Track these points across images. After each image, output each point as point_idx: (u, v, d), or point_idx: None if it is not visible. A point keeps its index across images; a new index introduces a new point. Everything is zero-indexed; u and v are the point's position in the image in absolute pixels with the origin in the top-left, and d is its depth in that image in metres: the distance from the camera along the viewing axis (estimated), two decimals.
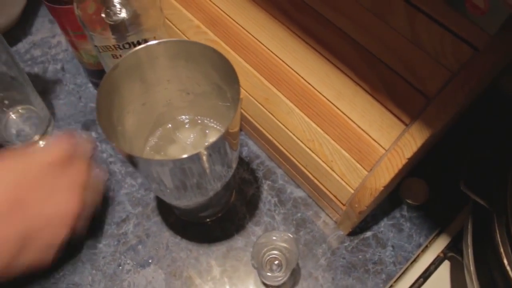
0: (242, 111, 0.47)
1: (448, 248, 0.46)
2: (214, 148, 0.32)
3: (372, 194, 0.38)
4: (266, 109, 0.45)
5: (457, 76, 0.35)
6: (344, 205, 0.42)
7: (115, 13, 0.39)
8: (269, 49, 0.44)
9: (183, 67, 0.38)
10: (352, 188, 0.40)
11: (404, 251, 0.45)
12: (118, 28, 0.40)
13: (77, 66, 0.56)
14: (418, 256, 0.46)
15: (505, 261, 0.33)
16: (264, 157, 0.51)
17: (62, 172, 0.32)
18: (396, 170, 0.36)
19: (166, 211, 0.47)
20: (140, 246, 0.45)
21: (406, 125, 0.37)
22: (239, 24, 0.46)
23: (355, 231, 0.46)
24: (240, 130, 0.52)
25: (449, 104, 0.35)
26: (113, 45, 0.40)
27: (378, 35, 0.38)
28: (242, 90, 0.42)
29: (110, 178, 0.49)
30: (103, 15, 0.39)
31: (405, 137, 0.36)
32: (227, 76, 0.35)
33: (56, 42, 0.60)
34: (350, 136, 0.39)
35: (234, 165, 0.39)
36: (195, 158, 0.31)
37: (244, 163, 0.50)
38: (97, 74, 0.51)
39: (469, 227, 0.39)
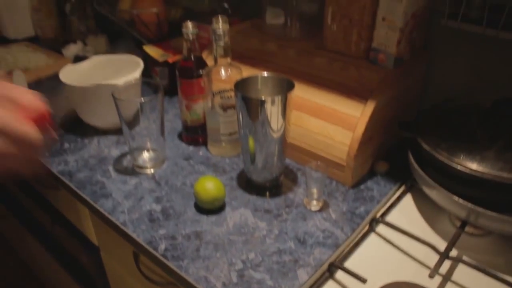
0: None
1: (407, 184, 0.81)
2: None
3: (357, 140, 0.76)
4: (297, 125, 0.84)
5: (380, 82, 0.78)
6: (344, 161, 0.78)
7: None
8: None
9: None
10: (346, 145, 0.77)
11: (384, 193, 0.79)
12: None
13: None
14: (393, 194, 0.80)
15: (427, 147, 0.70)
16: (293, 163, 0.87)
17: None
18: (364, 124, 0.75)
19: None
20: None
21: (364, 103, 0.77)
22: None
23: (356, 186, 0.80)
24: None
25: (381, 93, 0.77)
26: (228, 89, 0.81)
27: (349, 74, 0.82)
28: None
29: None
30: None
31: (366, 107, 0.76)
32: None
33: None
34: (340, 118, 0.79)
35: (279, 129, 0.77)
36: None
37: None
38: (194, 128, 0.91)
39: (411, 158, 0.76)
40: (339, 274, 0.65)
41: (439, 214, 0.76)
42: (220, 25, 0.79)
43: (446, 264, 0.66)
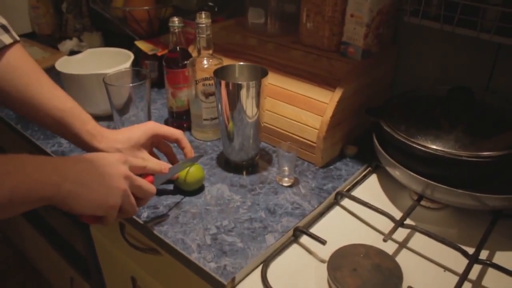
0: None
1: (373, 165, 0.88)
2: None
3: (325, 123, 0.83)
4: (274, 112, 0.91)
5: (348, 72, 0.86)
6: (315, 143, 0.85)
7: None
8: (270, 83, 0.94)
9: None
10: (316, 129, 0.85)
11: (351, 173, 0.86)
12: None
13: None
14: (360, 174, 0.87)
15: (388, 129, 0.78)
16: (269, 146, 0.94)
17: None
18: (332, 109, 0.83)
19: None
20: None
21: (333, 91, 0.85)
22: None
23: (325, 166, 0.88)
24: None
25: (348, 82, 0.85)
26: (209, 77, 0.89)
27: (321, 65, 0.90)
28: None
29: None
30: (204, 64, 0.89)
31: (334, 94, 0.84)
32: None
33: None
34: (312, 105, 0.86)
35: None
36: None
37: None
38: (179, 115, 0.98)
39: (374, 140, 0.83)
40: (303, 239, 0.72)
41: (400, 191, 0.84)
42: (203, 19, 0.87)
43: (402, 232, 0.73)
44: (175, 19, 0.91)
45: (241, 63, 0.85)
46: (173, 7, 1.27)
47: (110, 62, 1.09)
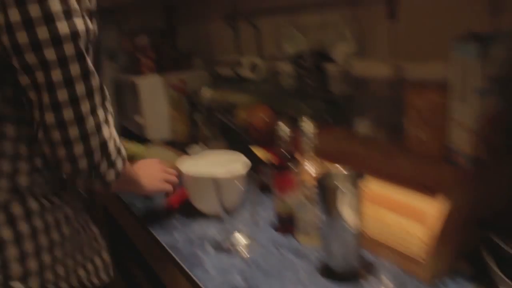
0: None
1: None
2: None
3: (433, 237, 0.78)
4: (378, 220, 0.89)
5: (458, 181, 0.81)
6: (420, 257, 0.80)
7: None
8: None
9: None
10: (423, 242, 0.80)
11: None
12: None
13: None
14: None
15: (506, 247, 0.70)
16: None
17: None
18: (443, 222, 0.78)
19: None
20: None
21: (441, 201, 0.81)
22: None
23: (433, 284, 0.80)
24: None
25: (458, 192, 0.80)
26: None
27: None
28: None
29: None
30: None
31: (443, 206, 0.80)
32: None
33: None
34: (419, 214, 0.82)
35: None
36: None
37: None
38: (284, 220, 1.01)
39: (489, 259, 0.75)
40: None
41: None
42: (307, 126, 0.93)
43: None
44: (282, 125, 0.98)
45: (339, 167, 0.87)
46: (288, 118, 1.36)
47: (227, 165, 1.20)
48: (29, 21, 0.67)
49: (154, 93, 1.87)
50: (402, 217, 0.85)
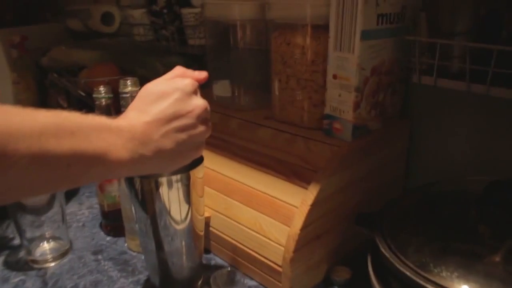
0: (212, 228, 0.66)
1: None
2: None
3: (294, 239, 0.54)
4: (227, 216, 0.64)
5: (330, 159, 0.58)
6: (280, 267, 0.56)
7: None
8: (224, 175, 0.67)
9: None
10: (282, 246, 0.56)
11: None
12: None
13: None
14: None
15: (387, 253, 0.48)
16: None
17: (191, 97, 0.48)
18: (305, 215, 0.54)
19: None
20: None
21: (306, 188, 0.57)
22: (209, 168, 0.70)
23: None
24: (209, 251, 0.68)
25: (330, 175, 0.57)
26: None
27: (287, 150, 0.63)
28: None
29: None
30: None
31: (307, 193, 0.56)
32: None
33: None
34: (277, 208, 0.58)
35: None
36: None
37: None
38: (112, 215, 0.72)
39: (369, 266, 0.53)
40: None
41: None
42: (128, 87, 0.64)
43: None
44: (101, 89, 0.69)
45: None
46: (139, 77, 1.06)
47: None
48: None
49: None
50: (258, 212, 0.60)
